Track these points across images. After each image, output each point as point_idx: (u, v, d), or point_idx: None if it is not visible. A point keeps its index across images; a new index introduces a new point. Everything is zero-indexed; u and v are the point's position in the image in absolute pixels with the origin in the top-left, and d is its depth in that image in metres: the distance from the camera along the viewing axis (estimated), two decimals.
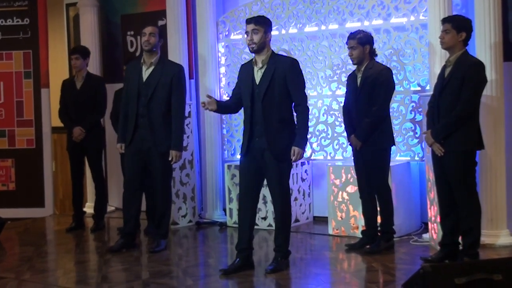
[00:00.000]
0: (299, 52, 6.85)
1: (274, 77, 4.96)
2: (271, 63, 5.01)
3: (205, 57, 7.13)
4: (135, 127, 5.82)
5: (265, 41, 5.00)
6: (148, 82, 5.82)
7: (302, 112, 4.99)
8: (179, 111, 5.84)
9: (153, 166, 5.83)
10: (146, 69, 5.88)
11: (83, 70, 6.96)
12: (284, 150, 4.95)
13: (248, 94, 5.04)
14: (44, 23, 7.92)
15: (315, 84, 6.76)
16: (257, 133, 5.01)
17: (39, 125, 7.83)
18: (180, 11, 7.28)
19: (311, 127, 6.72)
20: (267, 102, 4.96)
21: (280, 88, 4.97)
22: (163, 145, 5.78)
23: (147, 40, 5.83)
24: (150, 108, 5.79)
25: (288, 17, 6.91)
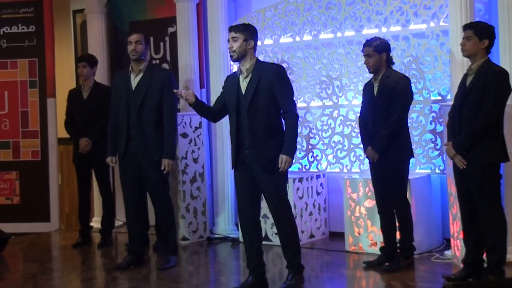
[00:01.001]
0: (314, 60, 6.87)
1: (259, 86, 4.99)
2: (256, 71, 5.04)
3: (216, 65, 7.16)
4: (128, 139, 5.85)
5: (245, 49, 5.03)
6: (137, 90, 5.86)
7: (290, 118, 4.98)
8: (170, 118, 5.87)
9: (147, 177, 5.86)
10: (134, 77, 5.92)
11: (90, 79, 7.01)
12: (273, 160, 4.94)
13: (234, 105, 5.07)
14: (50, 30, 7.96)
15: (331, 94, 6.77)
16: (247, 145, 5.03)
17: (44, 136, 7.86)
18: (190, 18, 7.33)
19: (326, 138, 6.77)
20: (253, 111, 4.99)
21: (266, 96, 4.98)
22: (155, 154, 5.81)
23: (134, 49, 5.87)
24: (141, 117, 5.82)
25: (303, 23, 6.92)
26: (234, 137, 5.08)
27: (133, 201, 5.93)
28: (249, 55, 5.07)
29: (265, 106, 4.99)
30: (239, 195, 5.13)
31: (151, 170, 5.81)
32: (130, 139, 5.84)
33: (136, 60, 5.89)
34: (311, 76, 6.90)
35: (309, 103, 6.92)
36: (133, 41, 5.88)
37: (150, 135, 5.81)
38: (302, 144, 6.92)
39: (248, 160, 5.03)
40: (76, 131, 6.97)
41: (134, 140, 5.84)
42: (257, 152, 4.97)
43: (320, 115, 6.85)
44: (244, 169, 5.07)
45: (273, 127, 5.03)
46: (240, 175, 5.10)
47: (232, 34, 5.05)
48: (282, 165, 4.93)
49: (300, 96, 6.96)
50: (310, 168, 6.92)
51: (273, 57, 7.08)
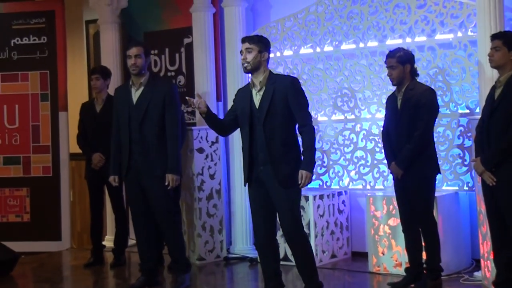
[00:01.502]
0: (335, 72, 6.88)
1: (274, 99, 5.03)
2: (270, 84, 5.09)
3: (234, 77, 7.19)
4: (130, 155, 5.89)
5: (260, 60, 5.09)
6: (138, 104, 5.89)
7: (308, 132, 5.02)
8: (174, 131, 5.89)
9: (150, 193, 5.87)
10: (135, 90, 5.96)
11: (104, 92, 7.05)
12: (291, 176, 4.98)
13: (247, 120, 5.11)
14: (62, 41, 8.01)
15: (353, 107, 6.78)
16: (262, 161, 5.05)
17: (56, 152, 7.89)
18: (207, 28, 7.39)
19: (348, 154, 6.77)
20: (269, 126, 5.03)
21: (282, 110, 5.03)
22: (158, 169, 5.84)
23: (133, 63, 5.91)
24: (143, 131, 5.85)
25: (324, 33, 6.94)
26: (247, 153, 5.11)
27: (141, 218, 5.95)
28: (262, 67, 5.13)
29: (281, 120, 5.03)
30: (254, 213, 5.16)
31: (154, 185, 5.84)
32: (132, 155, 5.88)
33: (136, 74, 5.94)
34: (332, 88, 6.91)
35: (330, 116, 6.93)
36: (133, 55, 5.91)
37: (152, 150, 5.84)
38: (323, 160, 6.93)
39: (262, 176, 5.05)
40: (89, 146, 7.02)
41: (137, 155, 5.87)
42: (274, 168, 4.99)
43: (341, 129, 6.85)
44: (259, 186, 5.10)
45: (289, 142, 5.06)
46: (254, 192, 5.14)
47: (246, 45, 5.11)
48: (303, 180, 4.96)
49: (321, 109, 6.97)
50: (332, 185, 6.92)
51: (293, 69, 7.10)
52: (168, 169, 5.82)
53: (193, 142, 6.99)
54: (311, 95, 6.96)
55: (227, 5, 7.28)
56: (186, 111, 7.67)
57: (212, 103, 7.30)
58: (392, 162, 5.58)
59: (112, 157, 6.08)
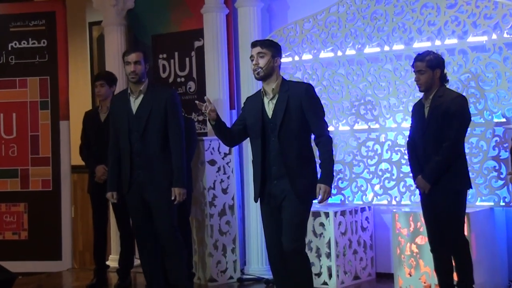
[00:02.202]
0: (357, 78, 6.89)
1: (289, 107, 5.07)
2: (283, 91, 5.12)
3: (248, 83, 7.20)
4: (132, 168, 5.89)
5: (273, 66, 5.13)
6: (139, 114, 5.91)
7: (325, 143, 5.07)
8: (178, 141, 5.89)
9: (155, 207, 5.86)
10: (134, 99, 5.97)
11: (108, 99, 7.00)
12: (307, 190, 5.03)
13: (258, 130, 5.13)
14: (64, 45, 8.01)
15: (377, 115, 6.79)
16: (275, 175, 5.08)
17: (57, 164, 7.89)
18: (219, 30, 7.43)
19: (372, 166, 6.77)
20: (284, 137, 5.06)
21: (296, 119, 5.07)
22: (163, 182, 5.85)
23: (133, 70, 5.91)
24: (145, 143, 5.86)
25: (345, 36, 6.96)
26: (259, 166, 5.14)
27: (146, 238, 5.96)
28: (275, 73, 5.16)
29: (296, 130, 5.07)
30: (267, 230, 5.19)
31: (158, 199, 5.83)
32: (134, 169, 5.88)
33: (136, 82, 5.96)
34: (354, 95, 6.92)
35: (353, 126, 6.93)
36: (132, 62, 5.93)
37: (156, 162, 5.85)
38: (345, 173, 6.93)
39: (275, 191, 5.08)
40: (92, 157, 7.04)
41: (139, 169, 5.87)
42: (291, 182, 5.02)
43: (365, 139, 6.85)
44: (271, 201, 5.13)
45: (305, 154, 5.11)
46: (266, 208, 5.18)
47: (258, 49, 5.15)
48: (322, 196, 4.99)
49: (342, 118, 6.98)
50: (354, 200, 6.91)
51: (312, 74, 7.12)
52: (174, 182, 5.82)
53: (204, 153, 7.01)
54: (331, 103, 6.99)
55: (241, 5, 7.32)
56: (197, 120, 7.71)
57: (224, 111, 7.33)
58: (418, 175, 5.57)
59: (109, 172, 6.09)
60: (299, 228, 5.07)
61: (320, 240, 6.64)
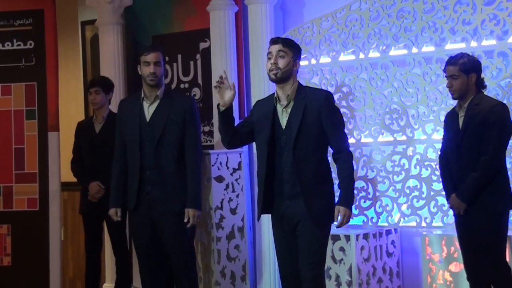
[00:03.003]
0: (381, 83, 6.87)
1: (306, 117, 5.05)
2: (300, 98, 5.09)
3: (260, 89, 7.22)
4: (141, 185, 5.87)
5: (292, 69, 5.10)
6: (153, 122, 5.89)
7: (345, 159, 5.06)
8: (194, 157, 5.92)
9: (166, 232, 5.86)
10: (148, 105, 5.96)
11: (104, 108, 7.10)
12: (325, 213, 5.01)
13: (266, 141, 5.10)
14: (53, 47, 7.93)
15: (404, 126, 6.76)
16: (289, 194, 5.06)
17: (44, 181, 7.78)
18: (228, 30, 7.44)
19: (399, 183, 6.76)
20: (300, 151, 5.03)
21: (315, 131, 5.05)
22: (177, 204, 5.86)
23: (153, 72, 5.88)
24: (159, 156, 5.85)
25: (368, 36, 6.94)
26: (263, 180, 5.12)
27: (151, 267, 5.93)
28: (292, 78, 5.14)
29: (313, 144, 5.05)
30: (281, 257, 5.18)
31: (171, 223, 5.83)
32: (144, 185, 5.87)
33: (154, 85, 5.94)
34: (378, 103, 6.90)
35: (377, 137, 6.91)
36: (152, 62, 5.91)
37: (170, 179, 5.84)
38: (368, 191, 6.91)
39: (289, 213, 5.06)
40: (86, 173, 7.06)
41: (149, 185, 5.86)
42: (307, 204, 4.98)
43: (390, 153, 6.83)
44: (285, 224, 5.10)
45: (322, 171, 5.09)
46: (279, 231, 5.16)
47: (278, 47, 5.10)
48: (342, 219, 4.96)
49: (365, 129, 6.95)
50: (378, 222, 6.89)
51: (331, 79, 7.11)
52: (188, 203, 5.83)
53: (211, 169, 6.99)
54: (352, 111, 6.99)
55: (251, 2, 7.33)
56: (203, 131, 7.71)
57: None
58: (452, 193, 5.56)
59: (113, 186, 6.08)
60: (317, 255, 5.04)
61: (340, 267, 6.61)
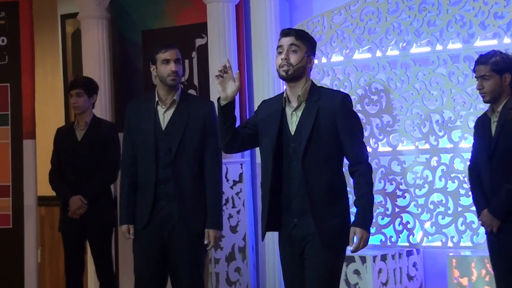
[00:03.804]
0: (401, 84, 6.85)
1: (318, 122, 4.94)
2: (312, 101, 4.99)
3: (263, 90, 7.21)
4: (154, 200, 5.85)
5: (305, 67, 5.01)
6: (170, 131, 5.86)
7: (364, 173, 4.94)
8: (216, 170, 5.93)
9: (178, 257, 5.83)
10: (164, 110, 5.93)
11: (88, 112, 7.10)
12: (338, 235, 4.91)
13: (271, 148, 5.01)
14: (29, 43, 7.94)
15: (427, 133, 6.74)
16: (297, 211, 4.98)
17: (19, 195, 7.76)
18: (227, 25, 7.43)
19: (421, 198, 6.73)
20: (311, 161, 4.93)
21: (329, 139, 4.95)
22: (195, 223, 5.84)
23: (175, 70, 5.87)
24: (176, 168, 5.83)
25: (386, 31, 6.92)
26: (268, 196, 5.04)
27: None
28: (305, 76, 5.05)
29: (327, 154, 4.94)
30: (287, 280, 5.14)
31: (186, 247, 5.80)
32: (158, 200, 5.84)
33: (173, 86, 5.91)
34: (398, 107, 6.87)
35: (396, 146, 6.88)
36: (172, 59, 5.89)
37: (188, 195, 5.82)
38: (386, 206, 6.89)
39: (296, 232, 4.99)
40: (66, 186, 7.04)
41: (164, 201, 5.83)
42: (317, 223, 4.91)
43: (411, 163, 6.80)
44: (292, 244, 5.05)
45: (337, 185, 4.99)
46: (286, 252, 5.11)
47: (291, 40, 5.01)
48: (358, 242, 4.87)
49: (383, 136, 6.93)
50: (398, 241, 6.87)
51: (344, 80, 7.08)
52: (208, 222, 5.82)
53: None
54: (368, 116, 6.96)
55: None
56: None
57: None
58: (484, 209, 5.55)
59: (124, 201, 6.02)
60: (329, 283, 4.97)
61: None
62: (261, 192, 5.15)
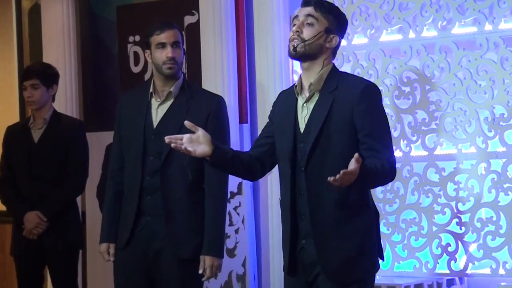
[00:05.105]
0: (440, 73, 6.83)
1: (331, 118, 4.82)
2: (328, 90, 4.87)
3: (268, 81, 7.25)
4: (138, 214, 5.84)
5: (322, 45, 4.88)
6: (162, 129, 5.80)
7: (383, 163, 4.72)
8: (220, 180, 5.90)
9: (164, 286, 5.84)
10: (158, 104, 5.90)
11: (46, 107, 7.10)
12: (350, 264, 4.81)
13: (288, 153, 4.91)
14: None
15: (473, 133, 6.72)
16: (304, 230, 4.91)
17: None
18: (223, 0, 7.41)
19: (465, 214, 6.73)
20: (317, 169, 4.82)
21: (343, 141, 4.82)
22: (187, 246, 5.85)
23: (172, 56, 5.80)
24: (165, 176, 5.81)
25: (421, 7, 6.89)
26: (288, 213, 4.94)
27: None
28: (322, 58, 4.92)
29: (340, 161, 4.76)
30: None
31: (174, 276, 5.79)
32: (141, 215, 5.84)
33: (171, 76, 5.84)
34: (436, 101, 6.85)
35: (433, 149, 6.85)
36: (169, 43, 5.83)
37: (179, 210, 5.81)
38: (421, 224, 6.86)
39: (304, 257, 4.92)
40: (20, 199, 7.05)
41: (149, 216, 5.83)
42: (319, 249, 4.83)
43: (452, 171, 6.77)
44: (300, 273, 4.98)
45: (353, 201, 4.86)
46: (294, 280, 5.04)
47: (308, 11, 4.89)
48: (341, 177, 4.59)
49: (417, 137, 6.90)
50: (436, 268, 6.84)
51: (368, 67, 7.07)
52: (205, 247, 5.80)
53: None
54: (398, 112, 6.96)
55: None
56: None
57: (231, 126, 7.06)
58: None
59: (105, 213, 6.05)
60: None
61: None
62: (281, 212, 5.05)
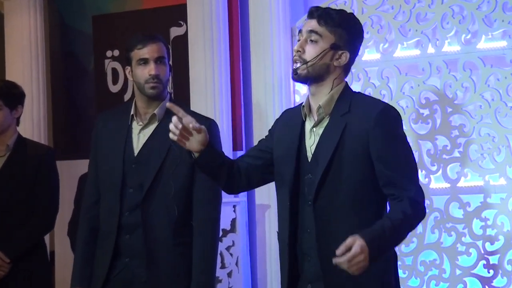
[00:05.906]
0: (464, 94, 6.84)
1: (343, 146, 4.72)
2: (339, 113, 4.78)
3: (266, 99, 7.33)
4: (115, 255, 5.78)
5: (328, 65, 4.80)
6: (144, 157, 5.79)
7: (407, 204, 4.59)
8: (211, 218, 5.84)
9: None
10: (140, 128, 5.83)
11: (9, 132, 7.02)
12: None
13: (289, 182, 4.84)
14: None
15: (502, 162, 6.71)
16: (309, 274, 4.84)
17: None
18: (215, 8, 7.48)
19: (494, 256, 6.74)
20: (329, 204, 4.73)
21: (358, 172, 4.73)
22: None
23: (155, 74, 5.72)
24: (147, 211, 5.75)
25: (442, 18, 6.91)
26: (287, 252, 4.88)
27: None
28: (330, 78, 4.82)
29: (354, 195, 4.72)
30: None
31: None
32: (119, 256, 5.79)
33: (155, 96, 5.76)
34: (459, 126, 6.88)
35: (456, 181, 6.84)
36: (152, 58, 5.78)
37: (162, 251, 5.74)
38: (443, 267, 6.91)
39: None
40: None
41: (128, 257, 5.77)
42: None
43: (479, 206, 6.78)
44: None
45: None
46: None
47: (312, 25, 4.81)
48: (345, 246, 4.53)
49: (437, 167, 6.90)
50: None
51: (381, 87, 7.09)
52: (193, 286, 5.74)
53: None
54: (416, 140, 6.94)
55: None
56: None
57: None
58: None
59: (78, 252, 6.01)
60: None
61: None
62: (279, 246, 4.96)
